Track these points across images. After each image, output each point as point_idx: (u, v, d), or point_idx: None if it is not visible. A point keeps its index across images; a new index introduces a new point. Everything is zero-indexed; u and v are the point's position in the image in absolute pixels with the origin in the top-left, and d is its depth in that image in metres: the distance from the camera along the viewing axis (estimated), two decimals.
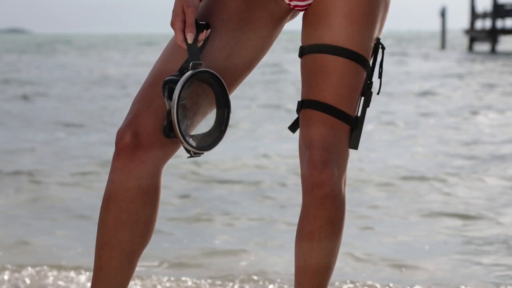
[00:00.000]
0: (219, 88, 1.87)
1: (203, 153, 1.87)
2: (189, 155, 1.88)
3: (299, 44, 2.03)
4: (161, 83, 1.88)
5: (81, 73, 21.27)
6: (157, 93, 1.88)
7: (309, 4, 2.00)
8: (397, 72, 19.06)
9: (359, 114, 1.99)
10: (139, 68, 23.48)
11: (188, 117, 1.85)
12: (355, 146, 1.99)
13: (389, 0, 2.02)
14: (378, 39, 2.00)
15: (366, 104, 2.00)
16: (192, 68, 1.84)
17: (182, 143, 1.84)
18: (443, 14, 35.09)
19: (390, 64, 21.81)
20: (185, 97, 1.83)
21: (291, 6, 2.02)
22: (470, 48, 33.73)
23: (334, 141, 1.94)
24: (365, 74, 1.98)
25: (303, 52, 2.00)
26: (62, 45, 58.69)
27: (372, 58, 2.00)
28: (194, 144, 1.85)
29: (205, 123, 1.91)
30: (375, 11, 1.97)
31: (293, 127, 2.05)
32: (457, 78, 17.56)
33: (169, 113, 1.82)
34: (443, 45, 37.12)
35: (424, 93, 13.79)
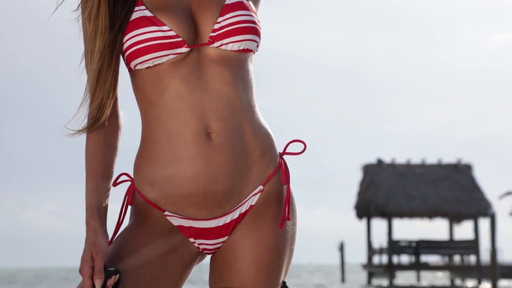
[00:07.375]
0: None
1: None
2: None
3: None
4: None
5: None
6: None
7: (218, 248, 2.08)
8: None
9: None
10: None
11: None
12: None
13: (294, 246, 2.13)
14: (284, 282, 2.09)
15: None
16: None
17: None
18: (341, 248, 35.73)
19: None
20: None
21: (200, 249, 2.09)
22: (369, 282, 34.16)
23: None
24: None
25: None
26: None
27: None
28: None
29: None
30: (282, 257, 2.07)
31: None
32: None
33: None
34: (343, 279, 37.51)
35: None
